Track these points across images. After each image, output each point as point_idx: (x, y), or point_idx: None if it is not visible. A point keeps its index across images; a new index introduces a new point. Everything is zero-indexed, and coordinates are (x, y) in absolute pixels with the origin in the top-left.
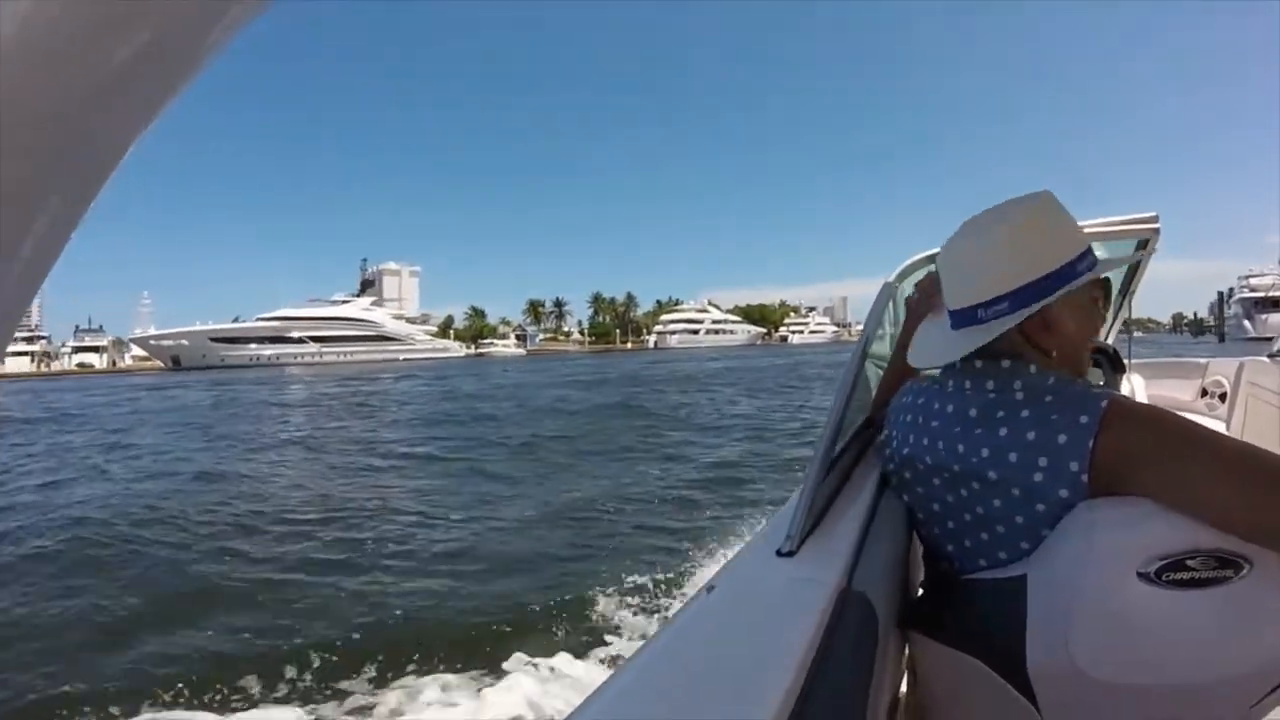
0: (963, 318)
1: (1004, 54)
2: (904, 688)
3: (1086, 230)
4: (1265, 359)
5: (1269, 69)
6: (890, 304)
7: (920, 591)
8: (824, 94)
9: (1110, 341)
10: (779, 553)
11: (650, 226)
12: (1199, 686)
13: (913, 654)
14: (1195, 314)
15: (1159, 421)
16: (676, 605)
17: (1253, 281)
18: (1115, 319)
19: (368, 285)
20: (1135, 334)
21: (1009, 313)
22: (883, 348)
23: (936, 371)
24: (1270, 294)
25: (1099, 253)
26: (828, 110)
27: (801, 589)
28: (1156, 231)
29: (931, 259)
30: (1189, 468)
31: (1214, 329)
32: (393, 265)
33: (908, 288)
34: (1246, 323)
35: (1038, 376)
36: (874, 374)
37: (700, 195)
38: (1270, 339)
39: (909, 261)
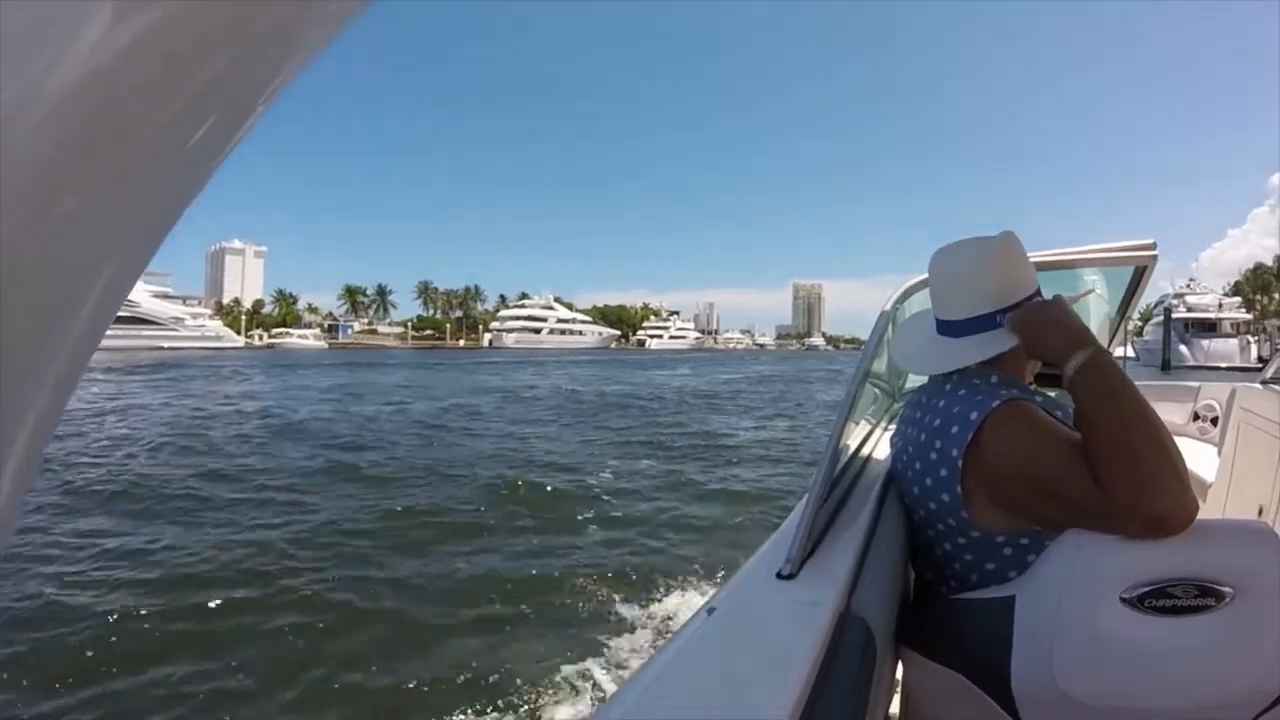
0: (949, 327)
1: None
2: (895, 705)
3: (1087, 256)
4: (1258, 385)
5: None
6: (890, 327)
7: (914, 607)
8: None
9: None
10: (779, 575)
11: (516, 223)
12: (1178, 712)
13: (904, 669)
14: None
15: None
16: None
17: (1190, 300)
18: (1112, 341)
19: None
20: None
21: (997, 327)
22: (880, 366)
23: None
24: (1209, 315)
25: (1094, 278)
26: (719, 111)
27: (801, 612)
28: (1154, 258)
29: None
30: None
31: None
32: (237, 244)
33: (907, 310)
34: (1182, 348)
35: (974, 372)
36: (873, 394)
37: (577, 189)
38: (1214, 367)
39: (907, 285)
